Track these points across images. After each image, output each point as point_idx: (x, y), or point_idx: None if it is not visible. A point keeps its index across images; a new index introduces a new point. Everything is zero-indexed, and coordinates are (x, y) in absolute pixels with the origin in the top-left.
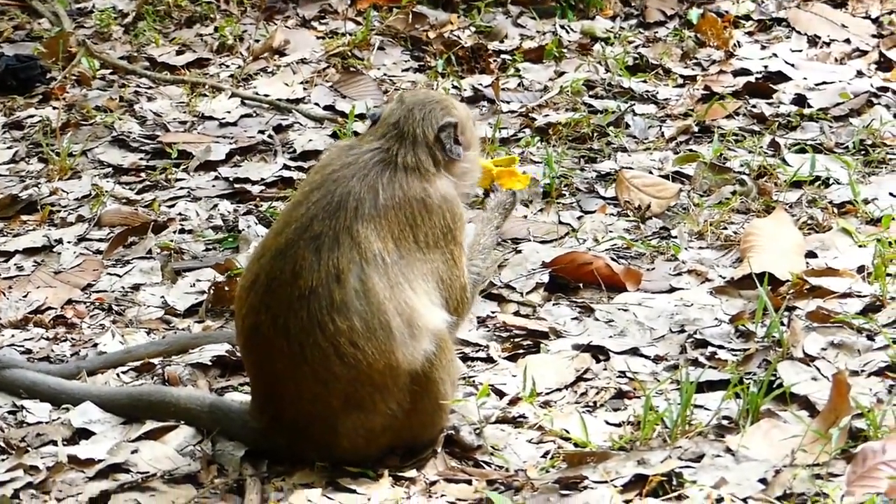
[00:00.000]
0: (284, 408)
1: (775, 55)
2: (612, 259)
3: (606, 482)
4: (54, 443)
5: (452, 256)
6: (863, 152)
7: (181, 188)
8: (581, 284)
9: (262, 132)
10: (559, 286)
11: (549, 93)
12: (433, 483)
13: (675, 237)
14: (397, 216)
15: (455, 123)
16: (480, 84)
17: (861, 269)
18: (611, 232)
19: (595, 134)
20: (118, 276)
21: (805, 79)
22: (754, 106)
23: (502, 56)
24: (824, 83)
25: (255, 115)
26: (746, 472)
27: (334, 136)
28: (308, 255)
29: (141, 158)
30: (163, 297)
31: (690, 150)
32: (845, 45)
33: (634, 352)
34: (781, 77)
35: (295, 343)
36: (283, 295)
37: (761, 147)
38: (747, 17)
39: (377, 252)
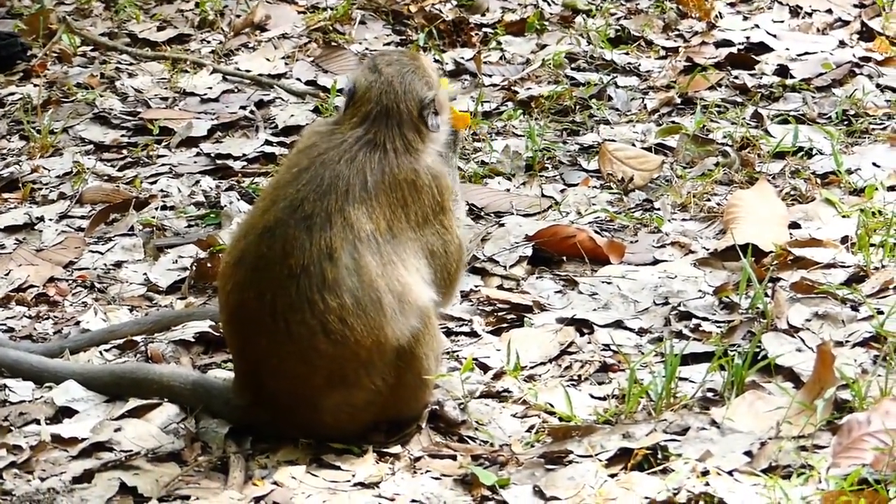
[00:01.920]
0: (267, 385)
1: (757, 26)
2: (596, 232)
3: (591, 456)
4: (37, 422)
5: (443, 225)
6: (846, 122)
7: (163, 165)
8: (564, 258)
9: (243, 108)
10: (542, 259)
11: (531, 66)
12: (418, 459)
13: (659, 209)
14: (388, 198)
15: (434, 96)
16: (462, 58)
17: (845, 240)
18: (594, 205)
19: (577, 107)
20: (100, 253)
21: (787, 49)
22: (737, 77)
23: (484, 29)
24: (806, 54)
25: (236, 90)
26: (732, 444)
27: (316, 111)
28: (299, 235)
29: (122, 135)
30: (145, 273)
31: (673, 122)
32: (827, 15)
33: (618, 325)
34: (763, 48)
35: (281, 320)
36: (272, 273)
37: (744, 118)
38: None
39: (369, 232)
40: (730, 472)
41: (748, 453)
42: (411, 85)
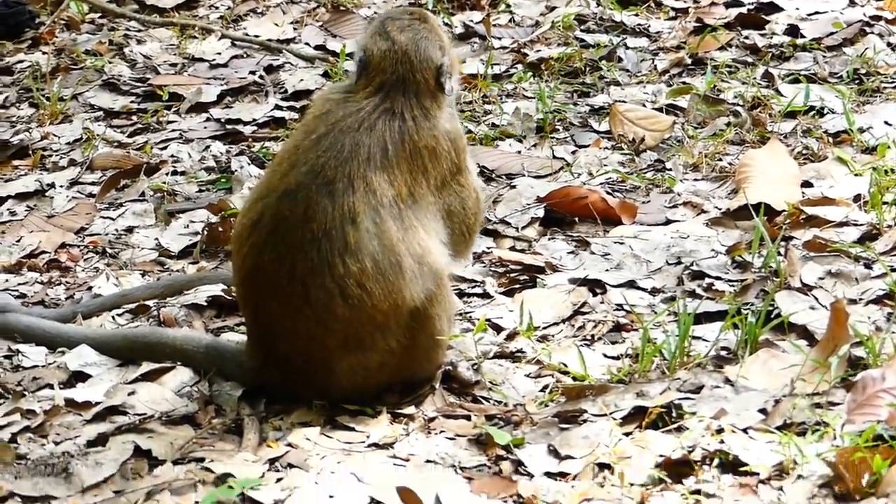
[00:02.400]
0: (280, 347)
1: None
2: (608, 192)
3: (606, 415)
4: (51, 386)
5: (460, 184)
6: (857, 81)
7: (173, 130)
8: (576, 218)
9: (252, 73)
10: (554, 221)
11: (540, 28)
12: (432, 419)
13: (670, 169)
14: (409, 165)
15: (448, 60)
16: (471, 20)
17: (857, 198)
18: (605, 165)
19: (587, 68)
20: (111, 219)
21: (797, 9)
22: (747, 37)
23: None
24: (817, 13)
25: (245, 56)
26: (746, 402)
27: (326, 75)
28: (321, 199)
29: (132, 101)
30: (157, 239)
31: (684, 83)
32: None
33: (631, 284)
34: (773, 7)
35: (298, 284)
36: (292, 236)
37: (755, 78)
38: None
39: (391, 198)
40: (744, 430)
41: (762, 411)
42: (426, 53)
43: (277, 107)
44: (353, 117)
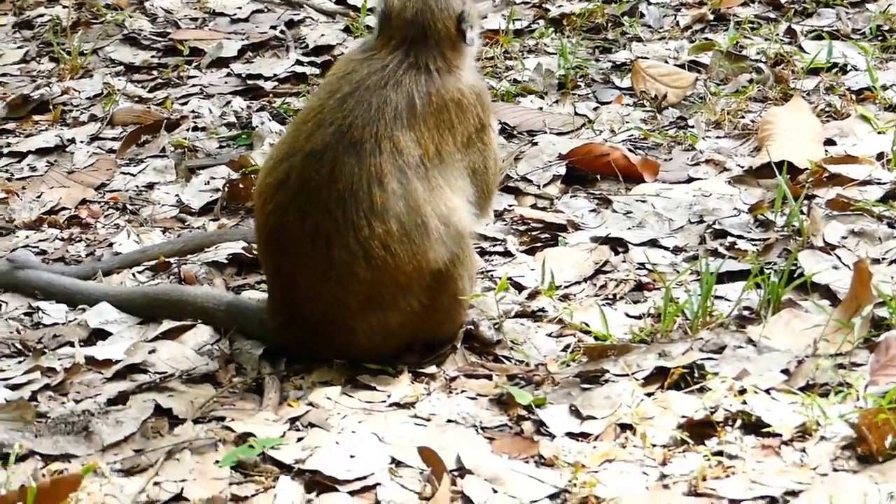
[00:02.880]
0: (301, 307)
1: None
2: (630, 150)
3: (627, 375)
4: (71, 344)
5: (483, 142)
6: (880, 38)
7: (193, 85)
8: (598, 176)
9: (273, 28)
10: (576, 178)
11: None
12: (453, 379)
13: (692, 127)
14: (436, 121)
15: (469, 9)
16: None
17: (881, 156)
18: (627, 122)
19: (609, 24)
20: (132, 175)
21: None
22: None
23: None
24: None
25: (266, 10)
26: (768, 362)
27: (347, 30)
28: (348, 160)
29: (153, 56)
30: (177, 195)
31: (706, 39)
32: None
33: (653, 243)
34: None
35: (322, 245)
36: (318, 197)
37: (777, 34)
38: None
39: (418, 158)
40: (767, 391)
41: (785, 371)
42: (446, 1)
43: (298, 62)
44: (378, 75)
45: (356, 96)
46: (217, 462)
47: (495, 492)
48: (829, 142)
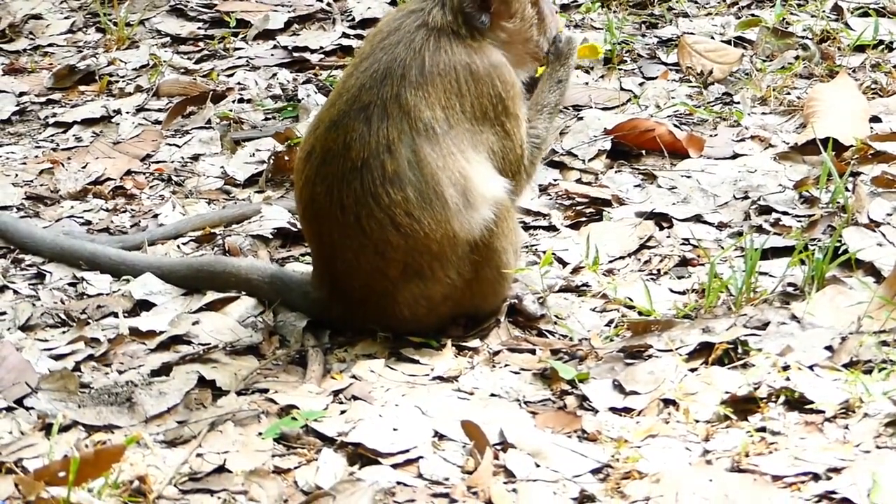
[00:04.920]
0: (343, 278)
1: None
2: (675, 125)
3: (671, 350)
4: (115, 315)
5: (504, 129)
6: None
7: (239, 57)
8: (643, 151)
9: (320, 0)
10: (621, 153)
11: None
12: (496, 353)
13: (738, 103)
14: (443, 83)
15: None
16: None
17: None
18: (673, 98)
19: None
20: (177, 146)
21: None
22: None
23: None
24: None
25: None
26: (812, 339)
27: (392, 3)
28: (359, 126)
29: (199, 27)
30: (222, 167)
31: (753, 15)
32: None
33: (698, 219)
34: None
35: (350, 214)
36: (337, 167)
37: (824, 11)
38: None
39: (427, 120)
40: (810, 367)
41: (829, 348)
42: None
43: (344, 35)
44: (397, 33)
45: (371, 58)
46: (260, 434)
47: (538, 466)
48: (875, 119)
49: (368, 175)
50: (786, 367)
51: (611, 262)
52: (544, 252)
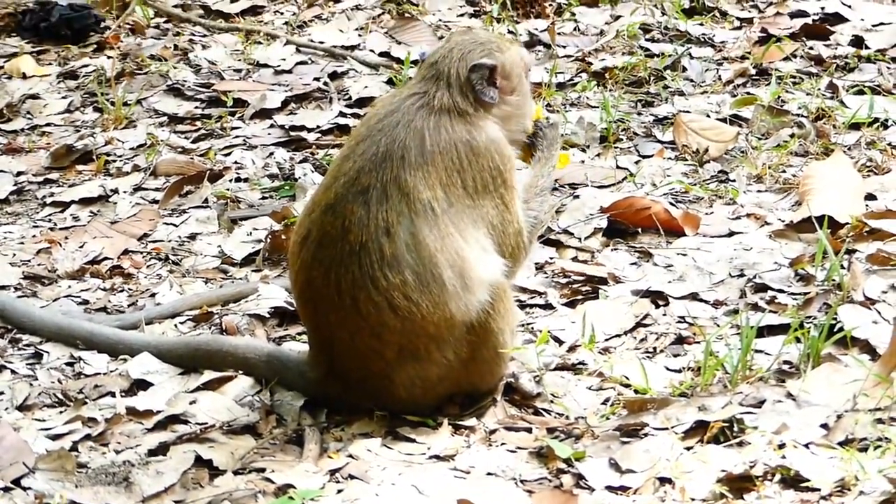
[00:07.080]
0: (340, 359)
1: None
2: (671, 203)
3: (667, 429)
4: (112, 394)
5: (503, 201)
6: None
7: (237, 136)
8: (639, 229)
9: (317, 79)
10: (617, 231)
11: (605, 37)
12: (493, 431)
13: (734, 181)
14: (444, 161)
15: (492, 66)
16: (536, 29)
17: None
18: (669, 176)
19: (652, 78)
20: (174, 225)
21: (862, 20)
22: (811, 48)
23: (558, 0)
24: (881, 24)
25: (310, 62)
26: (808, 417)
27: (390, 82)
28: (357, 210)
29: (196, 107)
30: (219, 246)
31: (748, 93)
32: None
33: (694, 297)
34: (838, 18)
35: (347, 297)
36: (335, 250)
37: (819, 89)
38: None
39: (426, 201)
40: (806, 445)
41: (824, 426)
42: (469, 52)
43: (342, 114)
44: (395, 115)
45: (368, 140)
46: None
47: None
48: (870, 196)
49: (367, 258)
50: (781, 445)
51: (607, 340)
52: (540, 330)
